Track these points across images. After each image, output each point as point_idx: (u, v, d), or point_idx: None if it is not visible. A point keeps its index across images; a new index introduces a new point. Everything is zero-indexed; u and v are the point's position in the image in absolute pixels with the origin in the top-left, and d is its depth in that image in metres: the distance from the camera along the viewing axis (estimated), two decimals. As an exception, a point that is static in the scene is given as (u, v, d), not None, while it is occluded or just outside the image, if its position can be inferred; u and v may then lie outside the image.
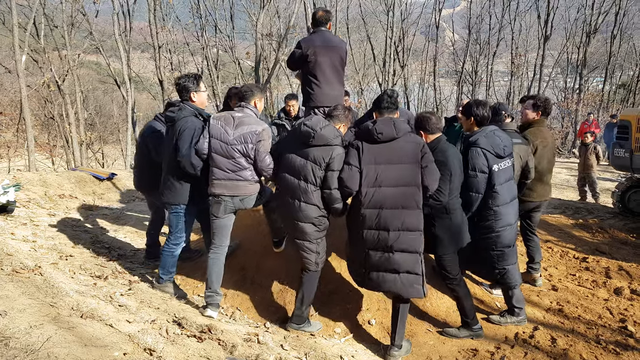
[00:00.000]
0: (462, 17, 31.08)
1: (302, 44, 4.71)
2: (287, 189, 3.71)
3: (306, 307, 3.89)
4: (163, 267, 4.31)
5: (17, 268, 3.84)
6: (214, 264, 4.01)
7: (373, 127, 3.48)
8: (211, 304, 3.96)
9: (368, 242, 3.51)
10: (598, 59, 28.81)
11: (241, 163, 3.83)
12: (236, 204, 3.94)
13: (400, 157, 3.46)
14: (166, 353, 2.86)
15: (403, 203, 3.42)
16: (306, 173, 3.60)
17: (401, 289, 3.49)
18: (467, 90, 28.13)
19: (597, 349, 3.70)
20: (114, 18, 16.20)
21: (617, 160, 7.86)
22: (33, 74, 18.68)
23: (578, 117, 22.45)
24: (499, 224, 3.84)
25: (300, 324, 3.89)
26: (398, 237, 3.43)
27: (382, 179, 3.45)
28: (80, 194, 8.23)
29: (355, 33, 28.92)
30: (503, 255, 3.91)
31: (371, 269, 3.55)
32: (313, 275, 3.87)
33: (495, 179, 3.78)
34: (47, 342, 2.51)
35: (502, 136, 3.89)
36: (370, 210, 3.47)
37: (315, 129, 3.56)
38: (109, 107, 29.70)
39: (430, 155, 3.49)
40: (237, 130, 3.80)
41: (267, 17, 19.22)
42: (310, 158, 3.59)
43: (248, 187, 3.91)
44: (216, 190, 3.88)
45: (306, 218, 3.65)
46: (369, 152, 3.49)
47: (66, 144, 17.96)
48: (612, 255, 5.87)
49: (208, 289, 3.98)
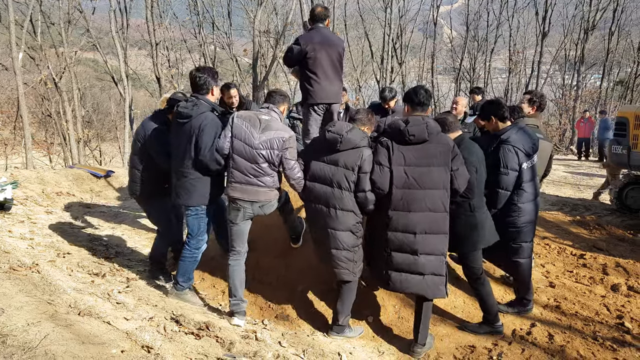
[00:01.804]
0: (460, 13, 31.10)
1: (301, 41, 4.69)
2: (320, 199, 3.60)
3: (346, 316, 3.80)
4: (183, 273, 4.07)
5: (14, 266, 3.84)
6: (236, 270, 3.87)
7: (405, 128, 3.38)
8: (238, 312, 3.86)
9: (392, 244, 3.47)
10: (596, 56, 28.81)
11: (264, 169, 3.68)
12: (255, 211, 3.78)
13: (431, 159, 3.39)
14: (164, 350, 2.86)
15: (431, 206, 3.40)
16: (339, 180, 3.51)
17: (426, 290, 3.49)
18: (465, 87, 28.13)
19: (595, 345, 3.71)
20: (111, 15, 16.14)
21: (615, 157, 7.88)
22: (30, 72, 18.64)
23: (576, 114, 22.47)
24: (522, 220, 3.89)
25: (342, 332, 3.82)
26: (424, 240, 3.42)
27: (412, 181, 3.40)
28: (77, 191, 8.21)
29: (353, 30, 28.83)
30: (519, 249, 3.98)
31: (394, 270, 3.51)
32: (352, 286, 3.74)
33: (523, 177, 3.81)
34: (44, 339, 2.51)
35: (531, 134, 3.91)
36: (398, 213, 3.43)
37: (341, 134, 3.49)
38: (106, 105, 29.65)
39: (461, 157, 3.46)
40: (263, 135, 3.63)
41: (264, 14, 19.17)
42: (341, 164, 3.51)
43: (268, 194, 3.76)
44: (234, 194, 3.70)
45: (344, 226, 3.55)
46: (399, 153, 3.42)
47: (63, 142, 17.92)
48: (609, 252, 5.88)
49: (233, 297, 3.87)
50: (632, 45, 26.32)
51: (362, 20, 26.60)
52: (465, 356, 3.65)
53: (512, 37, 26.84)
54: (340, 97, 5.11)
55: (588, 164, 14.37)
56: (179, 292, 4.09)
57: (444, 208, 3.42)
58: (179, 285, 4.08)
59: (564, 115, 24.11)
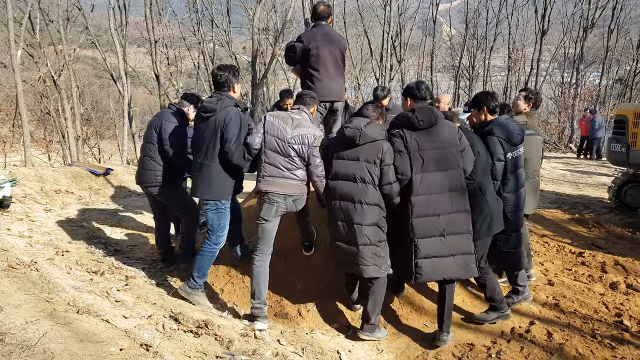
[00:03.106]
0: (460, 11, 31.06)
1: (304, 38, 4.70)
2: (345, 195, 3.60)
3: (377, 315, 3.78)
4: (199, 268, 4.01)
5: (13, 264, 3.83)
6: (260, 272, 3.82)
7: (413, 116, 3.51)
8: (260, 317, 3.80)
9: (418, 231, 3.49)
10: (595, 54, 28.83)
11: (296, 162, 3.74)
12: (288, 206, 3.79)
13: (442, 141, 3.51)
14: (163, 348, 2.86)
15: (450, 186, 3.49)
16: (362, 174, 3.53)
17: (459, 272, 3.54)
18: (465, 85, 28.12)
19: (593, 343, 3.71)
20: (110, 12, 16.08)
21: (614, 155, 7.88)
22: (29, 69, 18.59)
23: (575, 112, 22.47)
24: (508, 209, 3.92)
25: (373, 332, 3.79)
26: (449, 220, 3.48)
27: (428, 165, 3.49)
28: (76, 189, 8.20)
29: (353, 27, 28.80)
30: (509, 239, 4.00)
31: (424, 257, 3.51)
32: (381, 283, 3.70)
33: (508, 167, 3.88)
34: (43, 337, 2.50)
35: (514, 125, 3.96)
36: (419, 197, 3.48)
37: (360, 128, 3.53)
38: (105, 102, 29.59)
39: (465, 138, 3.59)
40: (295, 130, 3.73)
41: (263, 11, 19.15)
42: (362, 158, 3.54)
43: (301, 187, 3.80)
44: (268, 187, 3.71)
45: (370, 220, 3.54)
46: (412, 139, 3.52)
47: (62, 139, 17.88)
48: (608, 250, 5.89)
49: (257, 300, 3.79)
50: (632, 43, 26.34)
51: (361, 17, 26.54)
52: (464, 354, 3.65)
53: (511, 35, 26.81)
54: (342, 95, 5.10)
55: (587, 162, 14.39)
56: (191, 289, 4.03)
57: (462, 186, 3.51)
58: (192, 281, 4.03)
59: (563, 113, 24.10)
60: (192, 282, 4.02)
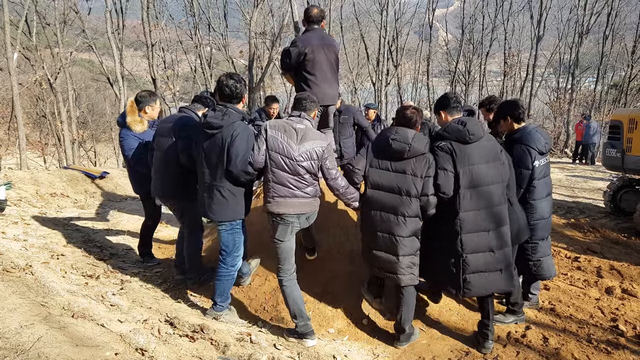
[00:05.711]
0: (456, 17, 31.22)
1: (299, 42, 4.65)
2: (385, 206, 3.57)
3: (411, 322, 3.78)
4: (221, 293, 3.86)
5: (7, 267, 3.81)
6: (292, 291, 3.70)
7: (465, 129, 3.47)
8: (308, 333, 3.69)
9: (468, 247, 3.49)
10: (590, 59, 29.06)
11: (307, 179, 3.56)
12: (302, 223, 3.65)
13: (489, 155, 3.53)
14: (158, 353, 2.84)
15: (497, 201, 3.50)
16: (408, 187, 3.50)
17: (506, 285, 3.60)
18: (461, 89, 28.24)
19: (589, 348, 3.71)
20: (107, 16, 16.11)
21: (609, 160, 7.92)
22: (25, 72, 18.58)
23: (570, 117, 22.58)
24: (534, 217, 3.93)
25: (409, 339, 3.80)
26: (497, 235, 3.50)
27: (477, 180, 3.47)
28: (72, 192, 8.17)
29: (349, 32, 28.95)
30: (537, 247, 4.02)
31: (473, 272, 3.52)
32: (412, 291, 3.73)
33: (535, 174, 3.88)
34: (37, 342, 2.49)
35: (542, 133, 3.97)
36: (468, 213, 3.48)
37: (409, 142, 3.48)
38: (101, 106, 29.58)
39: (505, 152, 3.64)
40: (302, 146, 3.50)
41: (260, 15, 19.18)
42: (409, 171, 3.51)
43: (313, 204, 3.66)
44: (280, 209, 3.53)
45: (409, 232, 3.54)
46: (462, 154, 3.49)
47: (58, 142, 17.87)
48: (603, 254, 5.91)
49: (300, 319, 3.67)
50: (626, 49, 26.55)
51: (358, 22, 26.69)
52: (460, 359, 3.65)
53: (507, 40, 27.03)
54: (336, 99, 5.10)
55: (582, 167, 14.46)
56: (218, 312, 3.87)
57: (504, 200, 3.54)
58: (217, 306, 3.87)
59: (559, 118, 24.23)
60: (217, 307, 3.89)
